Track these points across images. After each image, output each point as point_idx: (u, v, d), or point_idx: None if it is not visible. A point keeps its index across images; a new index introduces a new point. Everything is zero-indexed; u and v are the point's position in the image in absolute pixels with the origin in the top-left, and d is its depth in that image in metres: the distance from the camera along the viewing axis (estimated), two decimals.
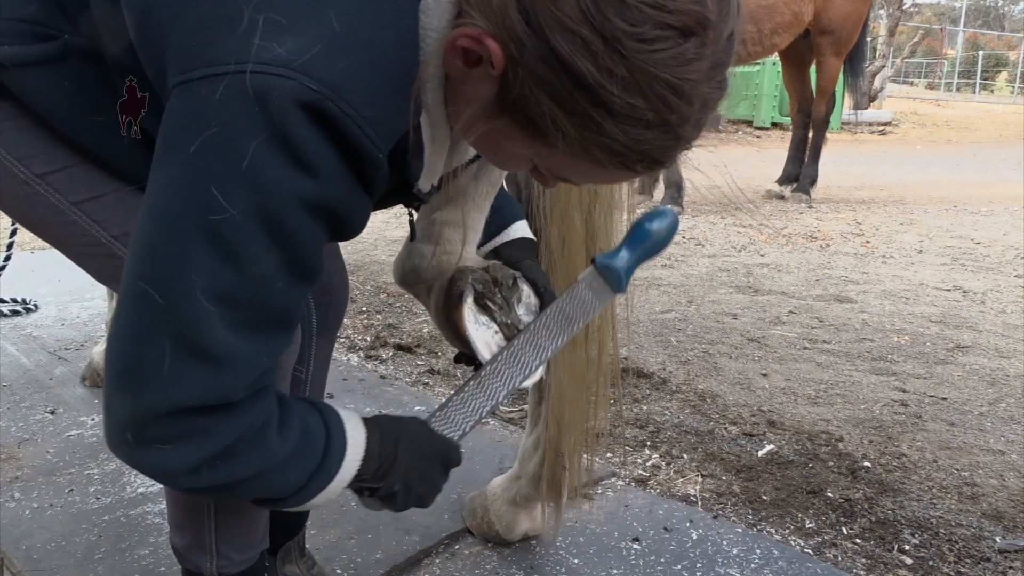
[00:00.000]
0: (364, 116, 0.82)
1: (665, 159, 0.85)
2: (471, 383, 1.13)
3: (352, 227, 0.92)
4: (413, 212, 1.23)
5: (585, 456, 1.75)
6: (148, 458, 0.88)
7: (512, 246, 1.35)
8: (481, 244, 1.35)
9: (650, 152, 0.83)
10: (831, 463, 2.30)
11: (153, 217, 0.84)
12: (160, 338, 0.84)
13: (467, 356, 1.20)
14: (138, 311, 0.85)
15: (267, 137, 0.79)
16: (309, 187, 0.83)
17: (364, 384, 2.81)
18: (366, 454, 1.02)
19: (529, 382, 1.16)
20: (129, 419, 0.86)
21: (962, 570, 1.81)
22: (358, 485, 1.04)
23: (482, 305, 1.17)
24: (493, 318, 1.17)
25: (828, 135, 8.29)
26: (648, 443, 2.41)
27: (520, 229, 1.38)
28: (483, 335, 1.15)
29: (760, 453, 2.36)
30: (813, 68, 7.91)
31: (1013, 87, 32.97)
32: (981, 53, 33.04)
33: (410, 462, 1.06)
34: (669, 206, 1.12)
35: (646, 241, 1.14)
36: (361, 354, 3.18)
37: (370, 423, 1.05)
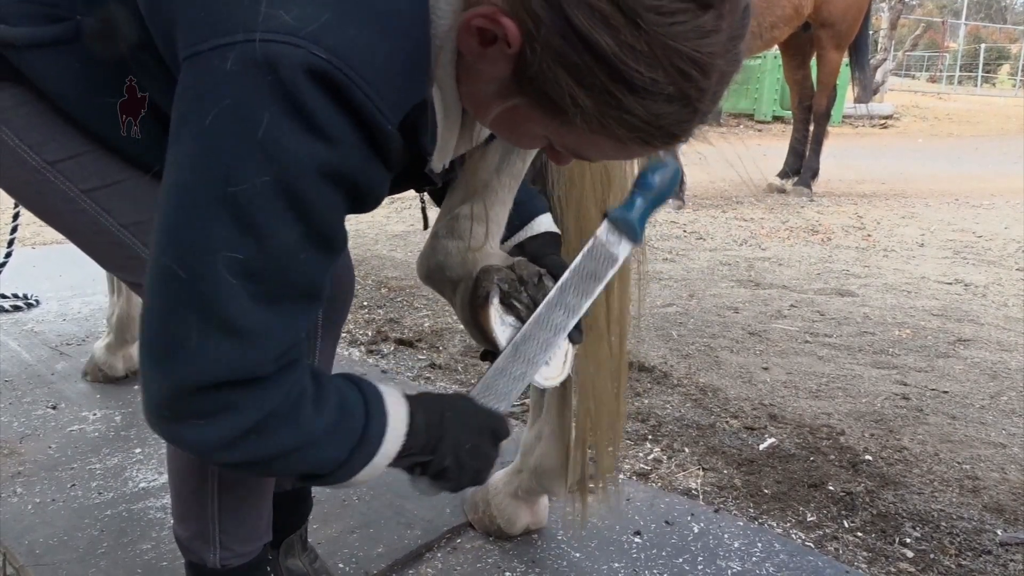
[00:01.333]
0: (372, 85, 0.82)
1: (683, 133, 0.85)
2: (506, 352, 1.13)
3: (371, 197, 0.92)
4: (424, 199, 1.23)
5: (609, 448, 1.75)
6: (183, 432, 0.89)
7: (536, 240, 1.34)
8: (505, 238, 1.34)
9: (668, 127, 0.83)
10: (832, 457, 2.30)
11: (173, 192, 0.84)
12: (186, 313, 0.84)
13: (493, 354, 1.20)
14: (164, 287, 0.85)
15: (280, 106, 0.79)
16: (325, 154, 0.82)
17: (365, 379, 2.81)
18: (410, 429, 1.02)
19: (554, 382, 1.16)
20: (163, 394, 0.86)
21: (963, 563, 1.81)
22: (408, 461, 1.04)
23: (508, 305, 1.17)
24: (520, 317, 1.17)
25: (829, 128, 8.28)
26: (649, 437, 2.41)
27: (544, 223, 1.37)
28: (510, 335, 1.15)
29: (761, 447, 2.36)
30: (814, 61, 7.90)
31: (1015, 80, 32.91)
32: (983, 46, 32.98)
33: (459, 436, 1.06)
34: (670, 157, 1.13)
35: (652, 190, 1.14)
36: (362, 349, 3.18)
37: (413, 399, 1.05)
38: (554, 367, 1.16)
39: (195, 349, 0.84)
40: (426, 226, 1.31)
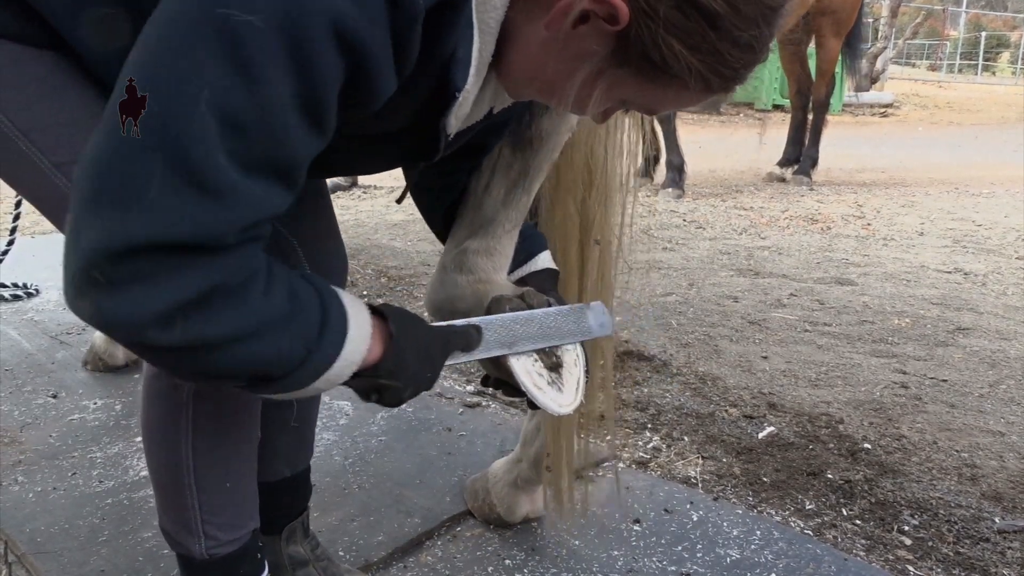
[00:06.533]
0: None
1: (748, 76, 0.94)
2: (490, 321, 1.13)
3: (372, 87, 0.84)
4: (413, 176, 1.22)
5: (583, 438, 1.75)
6: (115, 301, 0.75)
7: (538, 276, 1.36)
8: (510, 271, 1.35)
9: (746, 71, 0.91)
10: (831, 445, 2.30)
11: (160, 22, 0.75)
12: (152, 158, 0.73)
13: (496, 379, 1.20)
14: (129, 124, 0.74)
15: None
16: (347, 9, 0.75)
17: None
18: (386, 348, 0.95)
19: (567, 409, 1.16)
20: (101, 250, 0.74)
21: (961, 550, 1.82)
22: (369, 383, 0.96)
23: None
24: None
25: (829, 117, 8.26)
26: (649, 425, 2.42)
27: (545, 260, 1.39)
28: (523, 363, 1.15)
29: (760, 435, 2.36)
30: (810, 50, 7.87)
31: (1015, 68, 32.82)
32: (983, 34, 32.88)
33: (422, 365, 1.00)
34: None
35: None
36: None
37: (390, 316, 0.98)
38: (567, 394, 1.17)
39: (156, 198, 0.73)
40: (401, 200, 1.31)
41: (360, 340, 0.93)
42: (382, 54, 0.81)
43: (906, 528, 1.90)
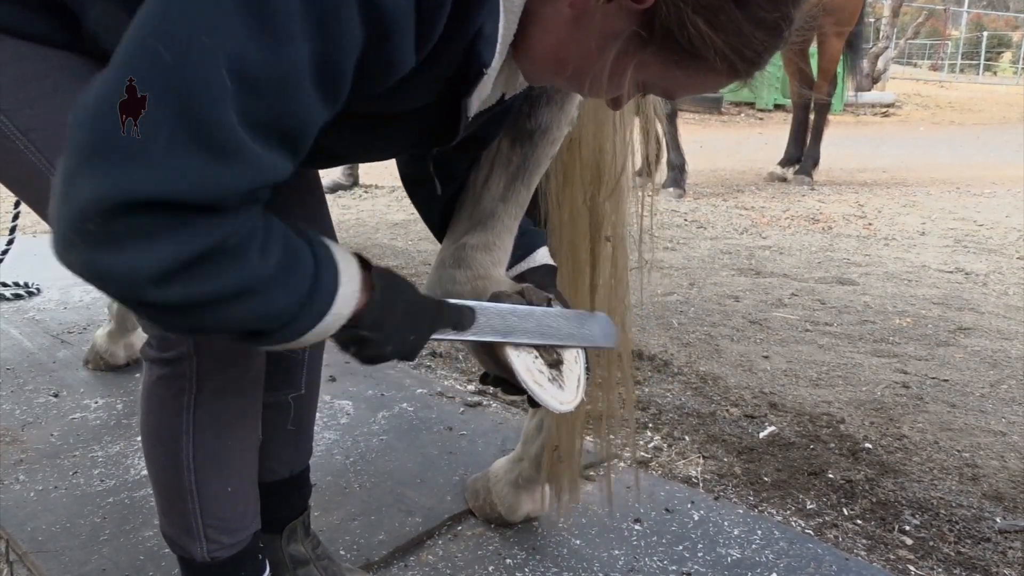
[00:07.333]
0: None
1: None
2: (499, 308, 1.13)
3: (390, 59, 0.82)
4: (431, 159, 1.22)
5: (588, 439, 1.75)
6: (111, 256, 0.72)
7: (536, 272, 1.35)
8: (507, 268, 1.34)
9: (768, 56, 0.90)
10: (832, 445, 2.30)
11: None
12: (161, 108, 0.69)
13: (495, 377, 1.20)
14: (140, 72, 0.70)
15: None
16: None
17: (366, 367, 2.81)
18: (369, 299, 0.94)
19: (569, 407, 1.15)
20: (98, 202, 0.70)
21: (962, 550, 1.82)
22: (351, 334, 0.95)
23: None
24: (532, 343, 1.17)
25: (830, 117, 8.24)
26: (650, 425, 2.42)
27: (543, 256, 1.38)
28: (524, 360, 1.14)
29: (761, 435, 2.36)
30: (811, 49, 7.87)
31: (1016, 68, 32.80)
32: (985, 34, 32.86)
33: (405, 322, 0.99)
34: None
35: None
36: None
37: (374, 269, 0.98)
38: (568, 391, 1.16)
39: (161, 152, 0.70)
40: (438, 190, 1.30)
41: (350, 295, 0.92)
42: (405, 27, 0.80)
43: (907, 528, 1.90)
